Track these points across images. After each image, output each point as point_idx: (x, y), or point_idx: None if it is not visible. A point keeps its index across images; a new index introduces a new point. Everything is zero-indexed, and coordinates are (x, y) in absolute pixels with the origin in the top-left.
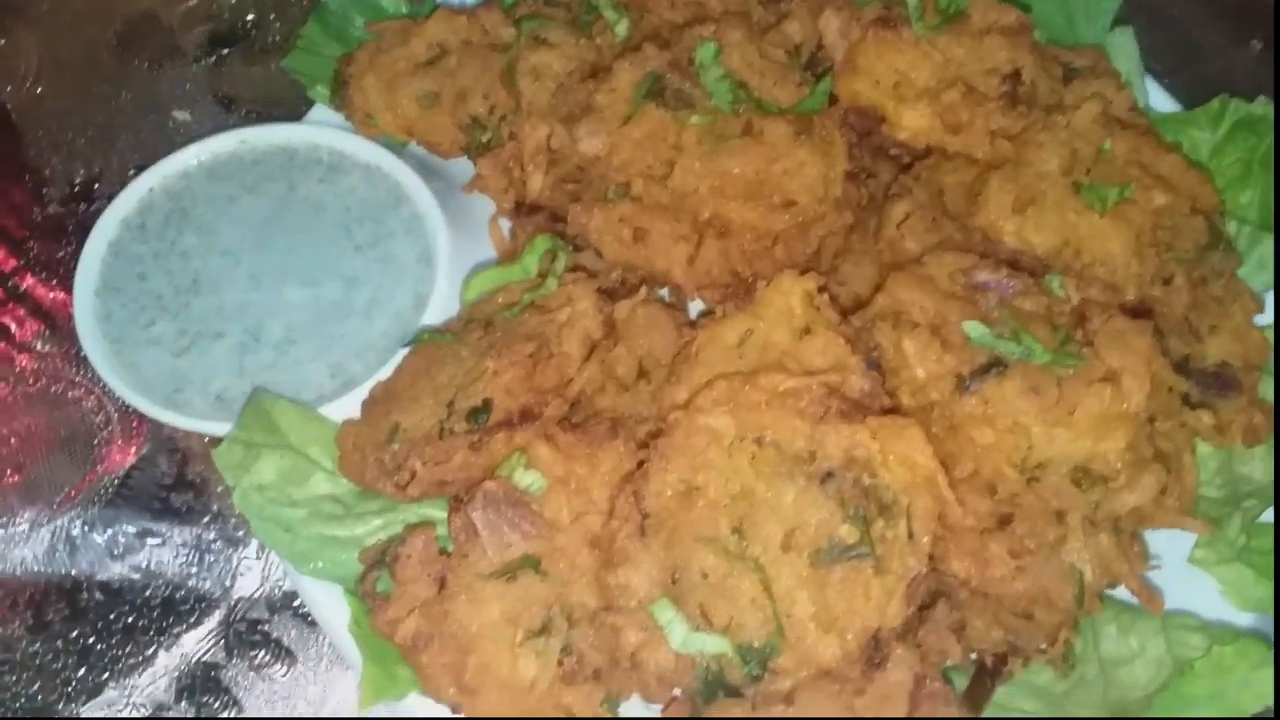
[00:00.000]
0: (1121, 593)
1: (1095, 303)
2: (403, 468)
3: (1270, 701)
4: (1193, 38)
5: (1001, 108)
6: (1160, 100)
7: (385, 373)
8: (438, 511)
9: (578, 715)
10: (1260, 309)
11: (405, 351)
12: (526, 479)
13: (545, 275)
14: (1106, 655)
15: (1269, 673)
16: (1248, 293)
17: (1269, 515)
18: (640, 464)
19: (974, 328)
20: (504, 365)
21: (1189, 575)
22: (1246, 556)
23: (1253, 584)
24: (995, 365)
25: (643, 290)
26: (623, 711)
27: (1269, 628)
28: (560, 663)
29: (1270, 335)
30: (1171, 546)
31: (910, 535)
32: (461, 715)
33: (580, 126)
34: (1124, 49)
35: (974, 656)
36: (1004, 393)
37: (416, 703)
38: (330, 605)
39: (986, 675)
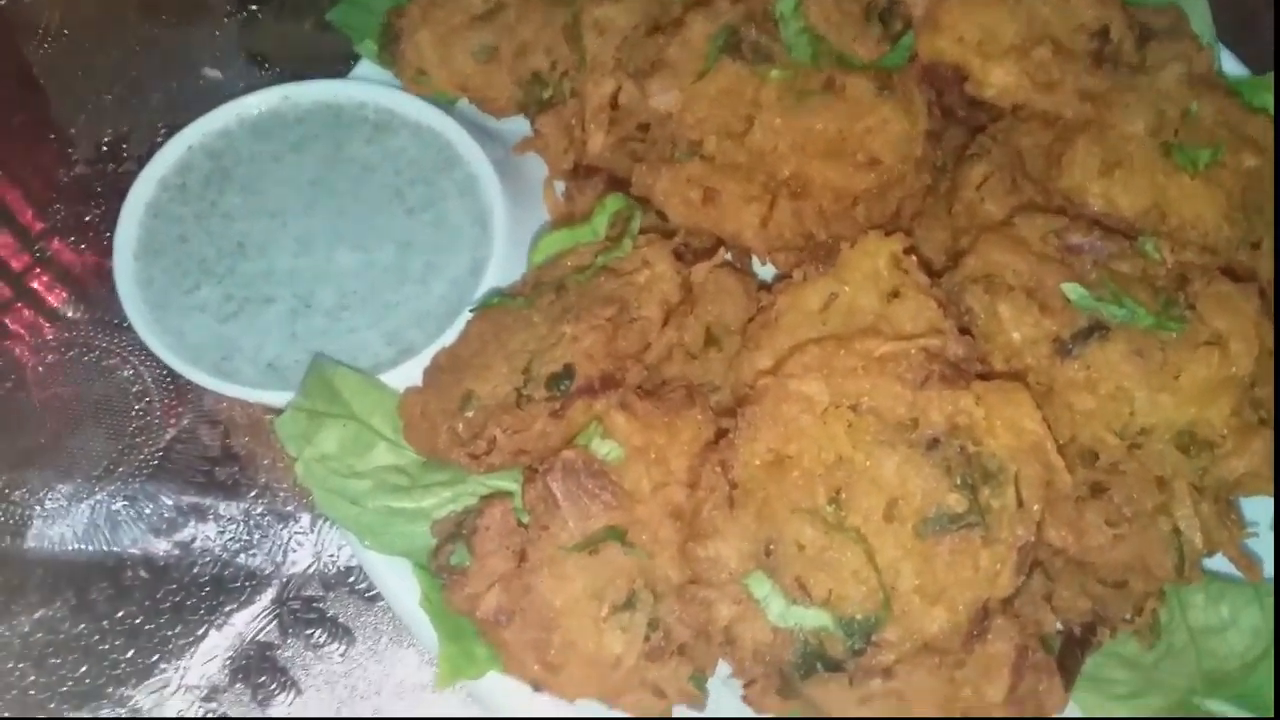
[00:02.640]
0: (1208, 562)
1: (1194, 265)
2: (480, 436)
3: None
4: (1248, 5)
5: (1088, 67)
6: (1229, 65)
7: (445, 340)
8: (506, 483)
9: (665, 691)
10: None
11: (467, 317)
12: (604, 448)
13: (616, 237)
14: (1196, 625)
15: None
16: None
17: None
18: (719, 433)
19: (1074, 290)
20: (583, 330)
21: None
22: None
23: None
24: (1097, 329)
25: (720, 253)
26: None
27: None
28: (647, 638)
29: None
30: (1255, 514)
31: (1020, 503)
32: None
33: (653, 81)
34: (1196, 10)
35: (1059, 629)
36: (1107, 357)
37: (494, 680)
38: (398, 580)
39: (1076, 645)
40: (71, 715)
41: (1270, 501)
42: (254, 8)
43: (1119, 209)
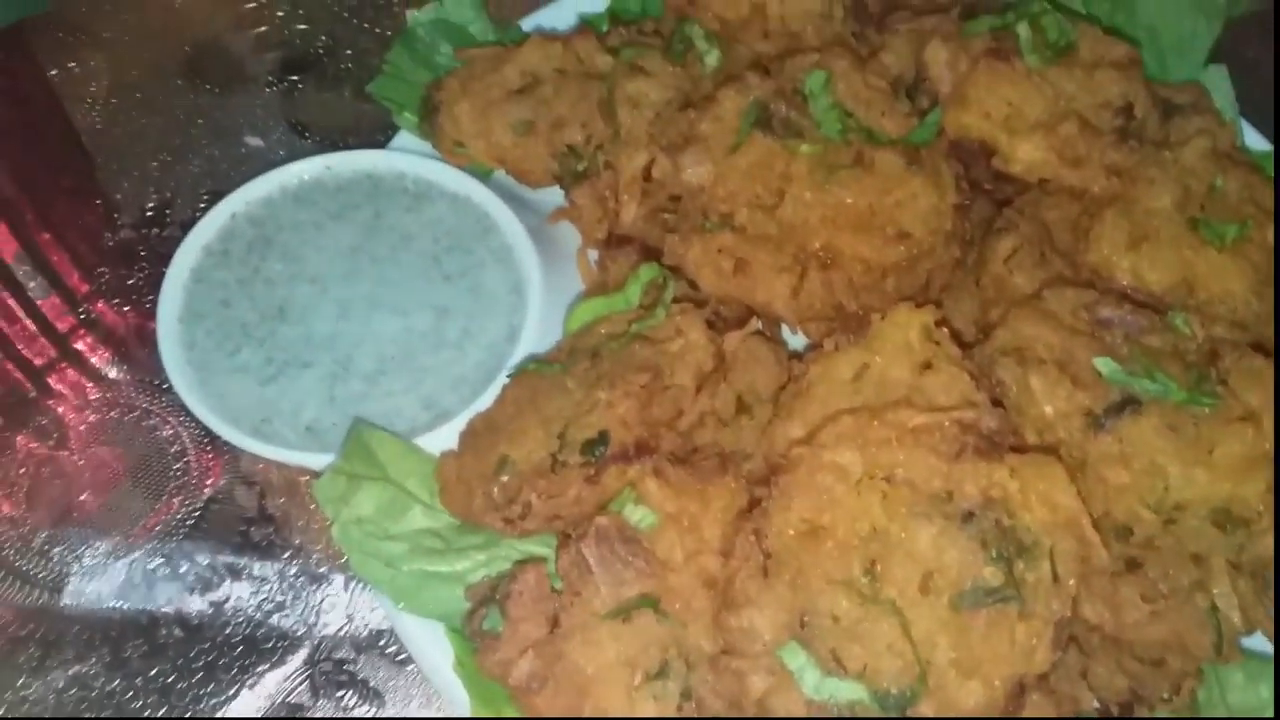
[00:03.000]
0: (1246, 641)
1: (1224, 340)
2: (515, 501)
3: None
4: (1270, 79)
5: (1114, 142)
6: (1252, 139)
7: (480, 405)
8: (540, 548)
9: None
10: None
11: (503, 383)
12: (637, 515)
13: (650, 306)
14: (1235, 704)
15: None
16: None
17: None
18: (752, 502)
19: (1106, 364)
20: (618, 396)
21: None
22: None
23: None
24: (1129, 403)
25: (753, 322)
26: None
27: None
28: (679, 707)
29: None
30: None
31: (1055, 578)
32: None
33: (685, 155)
34: (1219, 87)
35: (1096, 705)
36: (1141, 431)
37: None
38: (432, 643)
39: None
40: None
41: None
42: (295, 78)
43: (1147, 283)
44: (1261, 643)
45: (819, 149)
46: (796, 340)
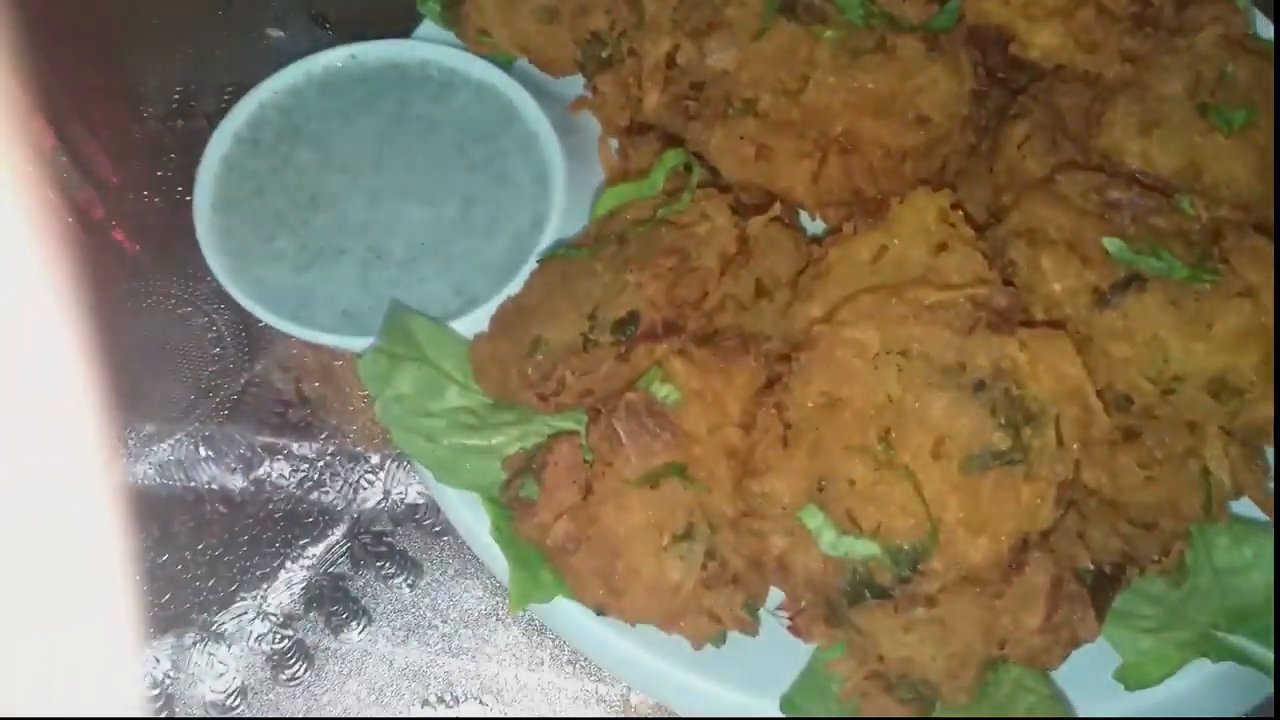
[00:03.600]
0: (1233, 508)
1: (1228, 221)
2: (549, 378)
3: None
4: None
5: (1129, 28)
6: (1264, 29)
7: (509, 290)
8: (569, 424)
9: (720, 616)
10: None
11: (530, 268)
12: (663, 391)
13: (675, 191)
14: (1220, 565)
15: None
16: None
17: None
18: (771, 380)
19: (1114, 243)
20: (647, 278)
21: None
22: None
23: None
24: (1135, 280)
25: (776, 206)
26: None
27: None
28: (704, 566)
29: None
30: None
31: (1060, 442)
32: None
33: (710, 40)
34: None
35: (1091, 566)
36: (1144, 307)
37: (560, 605)
38: (470, 513)
39: (1107, 582)
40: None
41: None
42: None
43: (1156, 167)
44: (1248, 508)
45: (842, 34)
46: (814, 227)
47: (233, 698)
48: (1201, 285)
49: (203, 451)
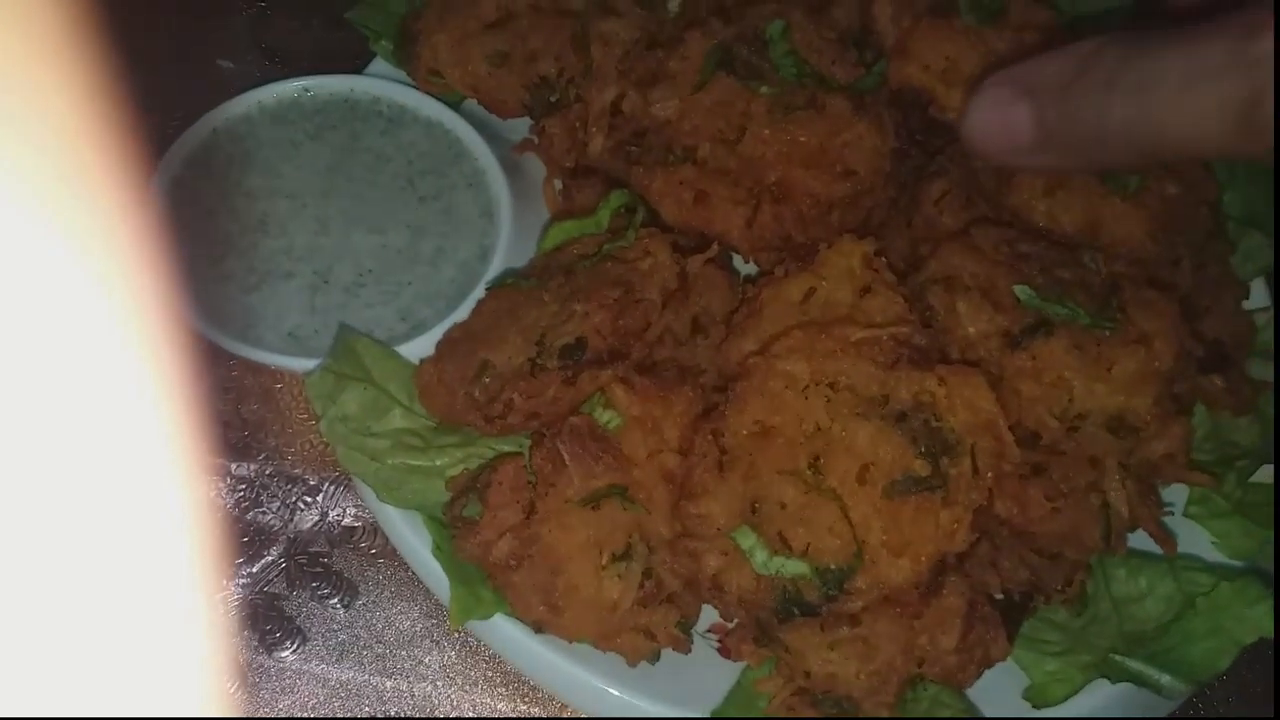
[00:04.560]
0: (1130, 541)
1: (1125, 274)
2: (496, 400)
3: (1268, 633)
4: None
5: None
6: None
7: (455, 318)
8: (512, 447)
9: (655, 634)
10: (1246, 295)
11: (476, 298)
12: (605, 417)
13: (620, 229)
14: (1118, 595)
15: (1265, 607)
16: (1236, 279)
17: (1262, 475)
18: (708, 409)
19: (1024, 291)
20: (594, 307)
21: (1183, 526)
22: (1242, 509)
23: (1242, 535)
24: (1043, 325)
25: (714, 248)
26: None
27: (1263, 571)
28: (641, 585)
29: (1258, 319)
30: (1169, 496)
31: (975, 471)
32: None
33: (655, 91)
34: None
35: (1001, 593)
36: (1051, 350)
37: (500, 622)
38: (412, 531)
39: (1016, 607)
40: None
41: (1184, 489)
42: (263, 3)
43: (1061, 225)
44: (1144, 541)
45: (777, 90)
46: (747, 269)
47: None
48: (1102, 332)
49: None
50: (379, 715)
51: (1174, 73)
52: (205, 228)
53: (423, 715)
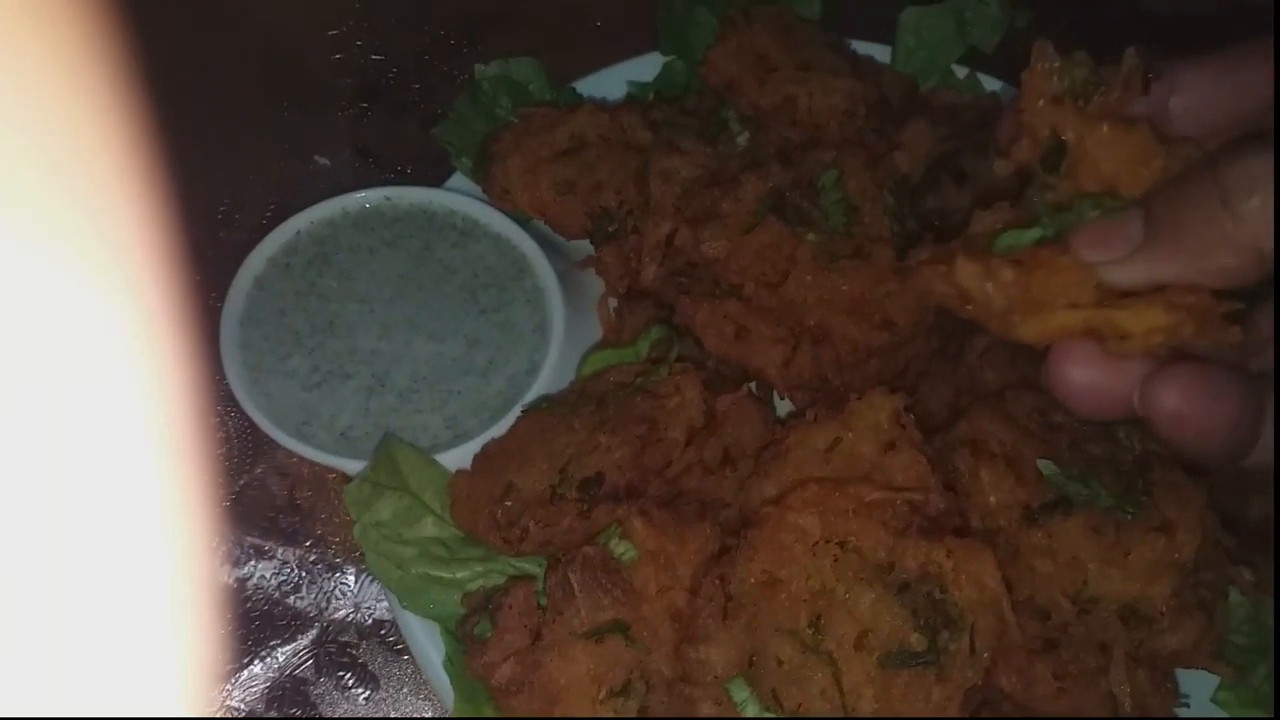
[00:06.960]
0: None
1: (1157, 454)
2: (515, 524)
3: None
4: None
5: None
6: None
7: (497, 431)
8: (532, 567)
9: None
10: None
11: (519, 414)
12: (620, 548)
13: (656, 361)
14: None
15: None
16: None
17: None
18: (724, 548)
19: (1047, 466)
20: (616, 442)
21: (1210, 713)
22: (1269, 704)
23: None
24: (1062, 503)
25: (745, 387)
26: None
27: None
28: None
29: None
30: (1196, 686)
31: (972, 650)
32: None
33: (707, 229)
34: None
35: None
36: (1068, 530)
37: None
38: (428, 640)
39: None
40: None
41: (1211, 676)
42: (364, 104)
43: None
44: None
45: (823, 238)
46: (784, 405)
47: None
48: (1123, 516)
49: None
50: None
51: None
52: (278, 325)
53: None
